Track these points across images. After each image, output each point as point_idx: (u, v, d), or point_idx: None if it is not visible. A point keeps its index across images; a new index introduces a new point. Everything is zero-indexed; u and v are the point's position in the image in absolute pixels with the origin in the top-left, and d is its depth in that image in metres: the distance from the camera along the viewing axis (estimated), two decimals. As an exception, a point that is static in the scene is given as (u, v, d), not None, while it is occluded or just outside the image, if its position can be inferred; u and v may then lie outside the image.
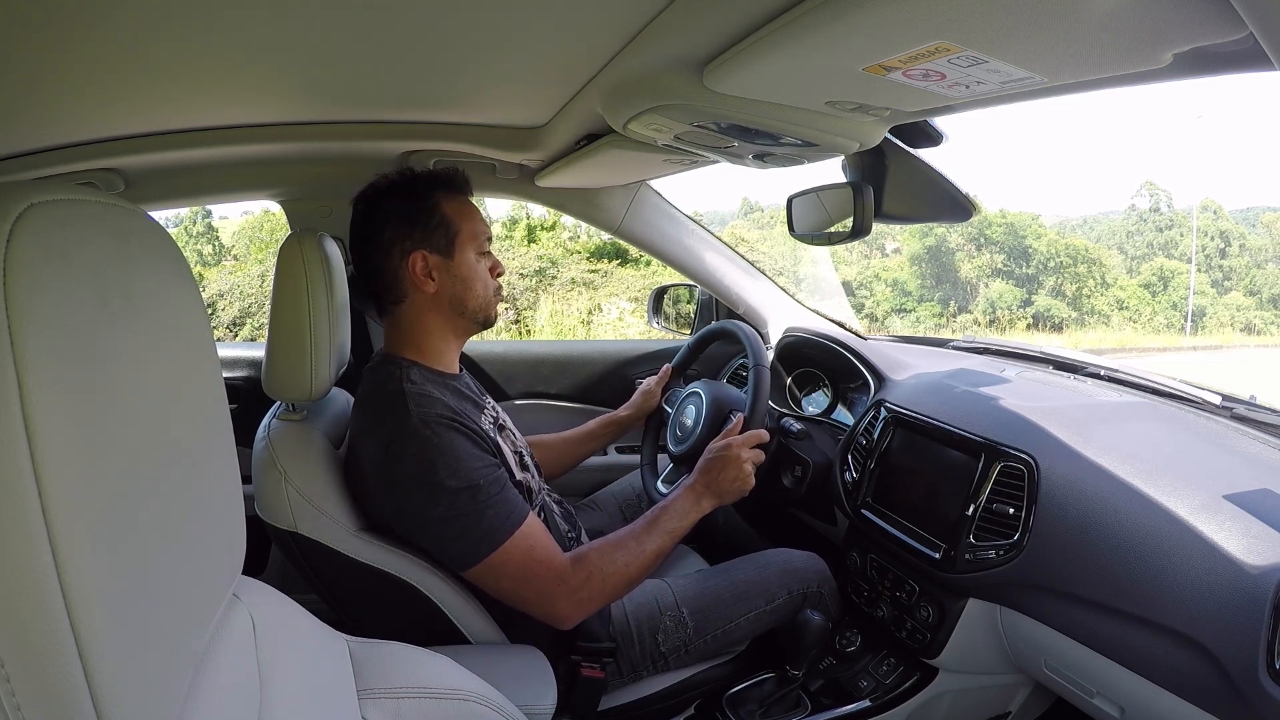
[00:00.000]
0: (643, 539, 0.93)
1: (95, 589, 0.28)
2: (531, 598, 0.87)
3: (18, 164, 1.07)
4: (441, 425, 0.85)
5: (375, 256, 0.93)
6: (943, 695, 1.03)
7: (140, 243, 0.36)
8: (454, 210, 0.95)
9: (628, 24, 0.64)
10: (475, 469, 0.85)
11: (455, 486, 0.83)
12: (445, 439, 0.85)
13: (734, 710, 1.01)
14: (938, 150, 0.91)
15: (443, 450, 0.84)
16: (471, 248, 0.96)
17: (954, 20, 0.44)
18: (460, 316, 0.97)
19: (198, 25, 0.63)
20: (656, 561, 0.93)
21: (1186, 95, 44.09)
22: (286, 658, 0.48)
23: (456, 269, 0.95)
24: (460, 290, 0.96)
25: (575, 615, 0.88)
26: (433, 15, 0.63)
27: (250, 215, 12.67)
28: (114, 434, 0.31)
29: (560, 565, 0.87)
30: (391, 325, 0.97)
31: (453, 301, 0.96)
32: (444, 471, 0.83)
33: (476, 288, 0.97)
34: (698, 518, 0.98)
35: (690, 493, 0.98)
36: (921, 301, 17.67)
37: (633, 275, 10.14)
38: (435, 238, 0.94)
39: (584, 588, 0.87)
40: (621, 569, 0.90)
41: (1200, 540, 0.71)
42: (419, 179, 0.96)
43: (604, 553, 0.90)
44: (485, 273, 0.98)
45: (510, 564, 0.85)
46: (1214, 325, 17.61)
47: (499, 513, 0.85)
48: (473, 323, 0.99)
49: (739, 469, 0.99)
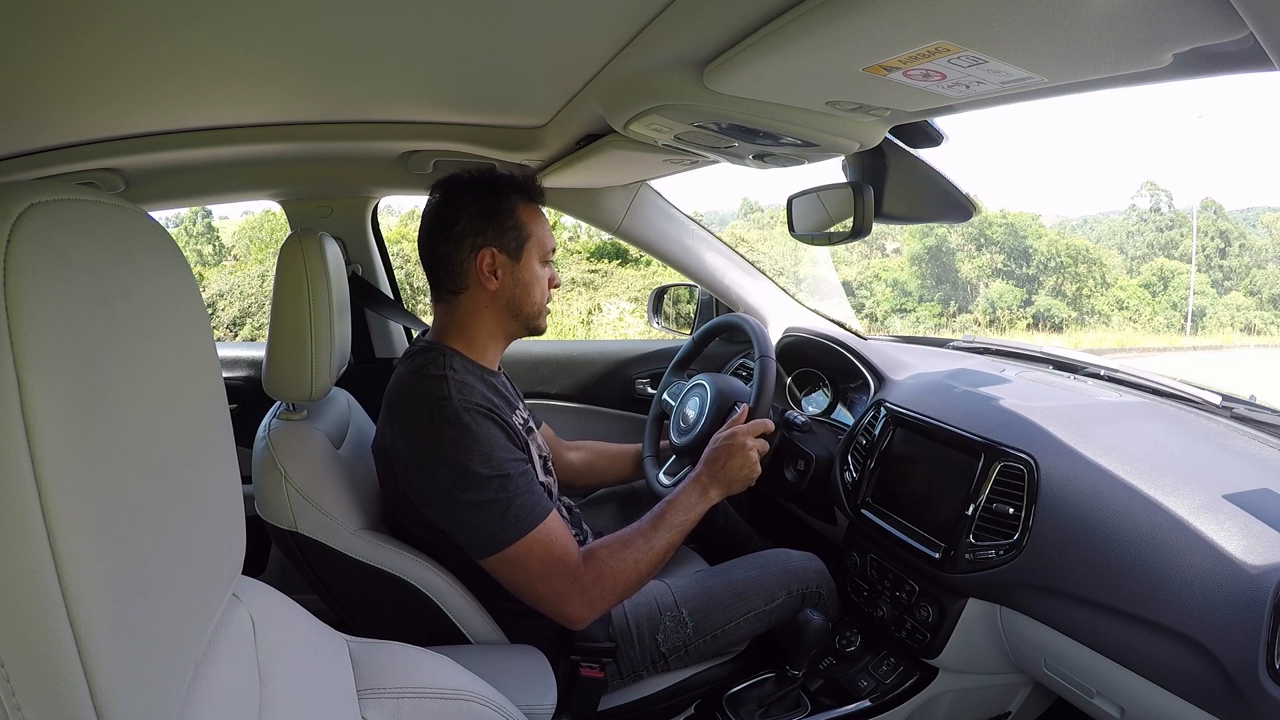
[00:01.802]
0: (651, 535, 0.93)
1: (95, 589, 0.28)
2: (545, 594, 0.87)
3: (18, 164, 1.07)
4: (479, 413, 0.87)
5: (445, 245, 0.96)
6: (943, 695, 1.03)
7: (140, 243, 0.36)
8: (527, 216, 0.99)
9: (628, 24, 0.64)
10: (507, 459, 0.86)
11: (486, 474, 0.84)
12: (482, 427, 0.86)
13: (734, 710, 1.01)
14: (938, 150, 0.91)
15: (478, 438, 0.85)
16: (538, 255, 1.00)
17: (954, 20, 0.44)
18: (513, 318, 1.00)
19: (198, 25, 0.63)
20: (666, 556, 0.93)
21: (1186, 95, 44.07)
22: (286, 658, 0.48)
23: (521, 272, 0.98)
24: (520, 293, 0.99)
25: (586, 615, 0.88)
26: (433, 15, 0.63)
27: (250, 215, 12.69)
28: (114, 434, 0.31)
29: (575, 565, 0.87)
30: (444, 313, 1.00)
31: (510, 303, 0.99)
32: (477, 458, 0.84)
33: (535, 293, 1.00)
34: (705, 509, 0.98)
35: (696, 484, 0.98)
36: (921, 301, 17.68)
37: (633, 275, 10.15)
38: (507, 238, 0.97)
39: (596, 586, 0.87)
40: (631, 566, 0.90)
41: (1200, 540, 0.71)
42: (501, 179, 0.99)
43: (613, 550, 0.90)
44: (545, 281, 1.02)
45: (530, 558, 0.85)
46: (1214, 325, 17.61)
47: (524, 504, 0.86)
48: (523, 327, 1.02)
49: (745, 457, 0.99)
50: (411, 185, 1.42)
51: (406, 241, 13.49)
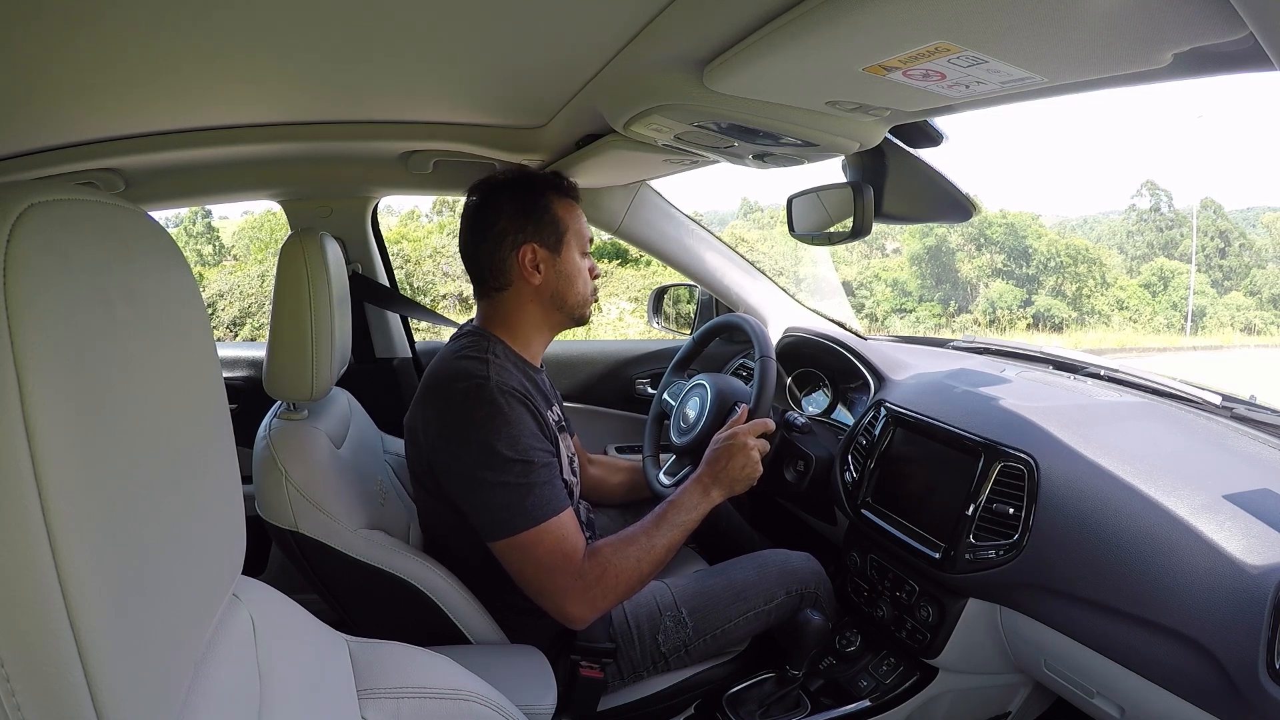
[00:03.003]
0: (653, 534, 0.93)
1: (95, 589, 0.28)
2: (548, 588, 0.87)
3: (18, 164, 1.07)
4: (514, 397, 0.89)
5: (486, 245, 0.99)
6: (943, 695, 1.03)
7: (140, 243, 0.36)
8: (564, 210, 1.01)
9: (628, 24, 0.64)
10: (533, 447, 0.87)
11: (510, 456, 0.85)
12: (515, 411, 0.88)
13: (734, 710, 1.01)
14: (938, 150, 0.91)
15: (509, 420, 0.87)
16: (577, 247, 1.03)
17: (954, 20, 0.44)
18: (558, 310, 1.03)
19: (198, 24, 0.63)
20: (668, 556, 0.93)
21: (1186, 95, 44.09)
22: (286, 658, 0.48)
23: (562, 264, 1.01)
24: (563, 285, 1.01)
25: (586, 613, 0.87)
26: (433, 15, 0.63)
27: (250, 215, 12.69)
28: (114, 434, 0.31)
29: (580, 563, 0.87)
30: (490, 307, 1.02)
31: (554, 295, 1.01)
32: (505, 439, 0.85)
33: (578, 284, 1.03)
34: (708, 509, 0.98)
35: (698, 484, 0.98)
36: (921, 301, 17.68)
37: (633, 275, 10.15)
38: (546, 233, 0.99)
39: (598, 584, 0.87)
40: (634, 565, 0.90)
41: (1200, 540, 0.71)
42: (535, 178, 1.02)
43: (616, 549, 0.90)
44: (586, 272, 1.04)
45: (539, 548, 0.86)
46: (1214, 325, 17.62)
47: (543, 494, 0.86)
48: (569, 318, 1.04)
49: (747, 457, 0.99)
50: (411, 185, 1.42)
51: (406, 242, 13.50)
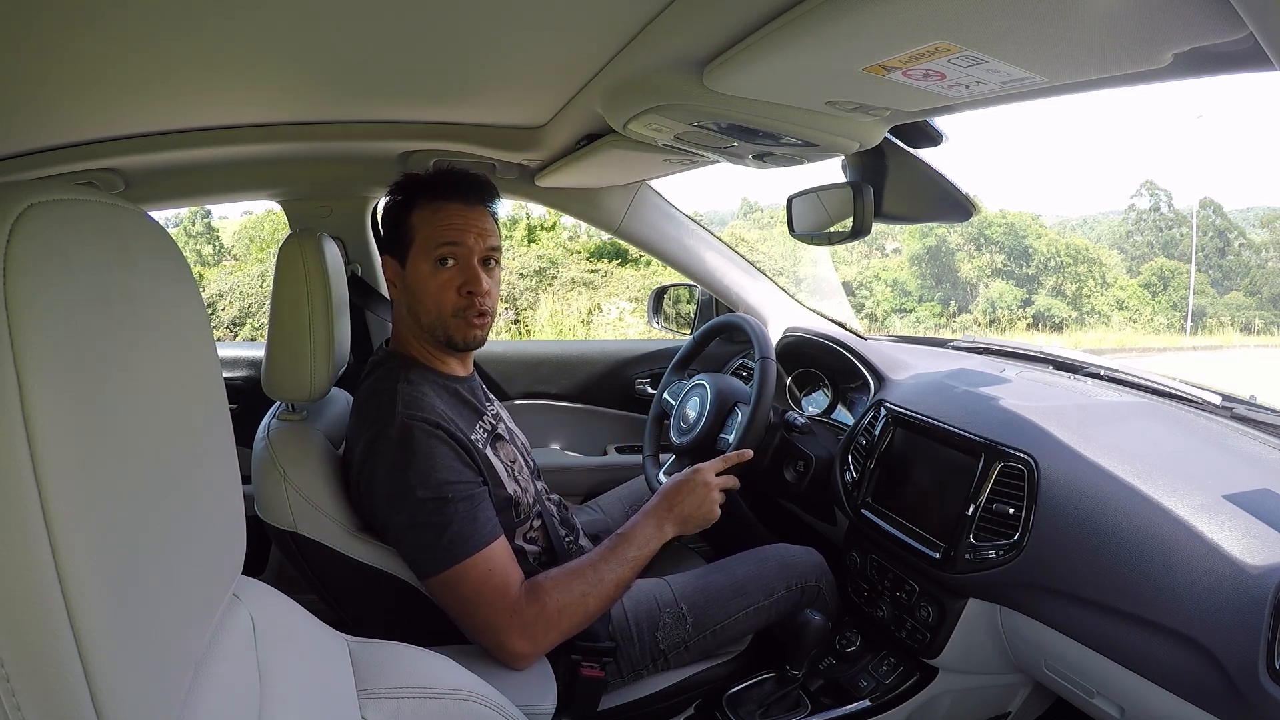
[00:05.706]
0: (600, 568, 0.89)
1: (95, 589, 0.28)
2: (480, 624, 0.83)
3: (18, 164, 1.07)
4: (423, 431, 0.84)
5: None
6: (943, 695, 1.03)
7: (140, 243, 0.36)
8: (421, 216, 0.91)
9: (628, 24, 0.64)
10: (447, 481, 0.83)
11: (421, 496, 0.81)
12: (424, 445, 0.83)
13: (734, 710, 1.01)
14: (938, 150, 0.91)
15: (418, 455, 0.83)
16: (424, 258, 0.90)
17: (954, 20, 0.44)
18: (422, 330, 0.93)
19: (198, 25, 0.63)
20: (618, 592, 0.90)
21: (1186, 95, 44.10)
22: (286, 658, 0.48)
23: (408, 279, 0.92)
24: (412, 302, 0.92)
25: (527, 650, 0.83)
26: (432, 15, 0.63)
27: (250, 215, 12.68)
28: (114, 434, 0.31)
29: (515, 597, 0.83)
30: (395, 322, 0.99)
31: (411, 312, 0.93)
32: (415, 478, 0.82)
33: (426, 302, 0.91)
34: (659, 545, 0.95)
35: (652, 519, 0.95)
36: (921, 301, 17.67)
37: (633, 275, 10.14)
38: (396, 243, 0.93)
39: (538, 620, 0.83)
40: (578, 599, 0.85)
41: (1200, 540, 0.71)
42: (409, 181, 0.95)
43: (559, 583, 0.86)
44: (440, 288, 0.90)
45: (465, 584, 0.82)
46: (1214, 325, 17.60)
47: (462, 529, 0.82)
48: (433, 340, 0.94)
49: (705, 496, 0.97)
50: (411, 185, 1.42)
51: (406, 241, 13.47)
